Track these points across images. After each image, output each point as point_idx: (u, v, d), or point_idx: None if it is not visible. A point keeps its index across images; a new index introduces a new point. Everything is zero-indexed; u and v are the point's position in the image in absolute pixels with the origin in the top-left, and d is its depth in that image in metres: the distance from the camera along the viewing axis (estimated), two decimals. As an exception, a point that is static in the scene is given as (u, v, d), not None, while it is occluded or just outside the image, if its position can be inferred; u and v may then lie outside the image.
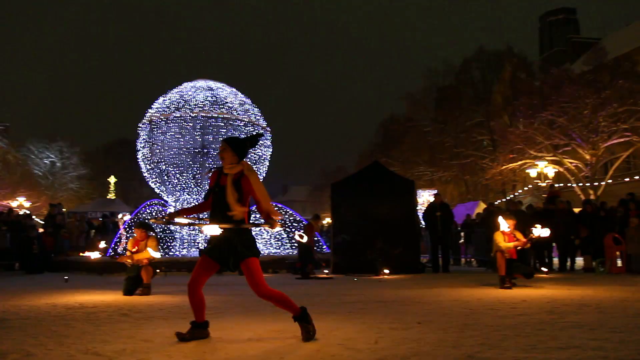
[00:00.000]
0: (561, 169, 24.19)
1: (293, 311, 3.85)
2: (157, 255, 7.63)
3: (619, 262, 11.31)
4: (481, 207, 22.19)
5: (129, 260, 7.58)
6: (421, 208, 19.92)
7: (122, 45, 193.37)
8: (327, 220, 29.91)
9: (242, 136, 14.31)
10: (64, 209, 17.02)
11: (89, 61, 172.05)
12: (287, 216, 15.88)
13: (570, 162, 23.55)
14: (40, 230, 15.81)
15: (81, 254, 9.15)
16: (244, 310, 5.37)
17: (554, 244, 12.47)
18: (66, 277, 10.16)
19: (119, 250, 14.81)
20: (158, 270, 8.37)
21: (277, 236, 15.84)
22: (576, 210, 13.60)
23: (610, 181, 23.34)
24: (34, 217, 17.20)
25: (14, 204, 28.73)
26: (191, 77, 16.14)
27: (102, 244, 7.98)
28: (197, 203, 14.97)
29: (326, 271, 11.87)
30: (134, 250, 7.61)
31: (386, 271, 10.72)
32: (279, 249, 15.55)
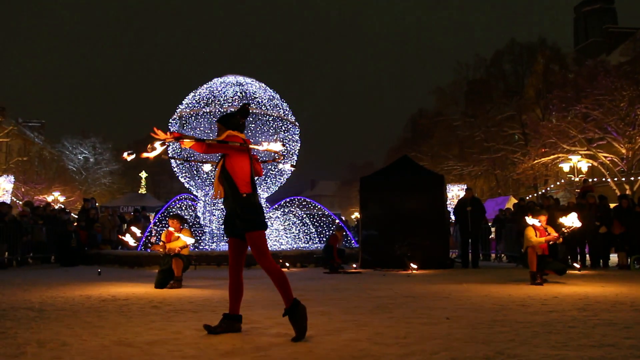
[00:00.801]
0: (595, 164, 23.61)
1: (286, 299, 3.75)
2: (190, 240, 7.76)
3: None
4: (512, 202, 21.87)
5: (161, 250, 7.71)
6: (451, 203, 19.75)
7: (154, 40, 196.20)
8: (356, 215, 29.87)
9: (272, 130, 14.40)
10: (97, 204, 17.41)
11: (122, 57, 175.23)
12: (315, 211, 15.93)
13: (605, 156, 22.96)
14: (74, 224, 16.22)
15: (120, 237, 9.40)
16: (272, 304, 5.42)
17: (585, 240, 12.23)
18: (99, 270, 10.43)
19: (152, 241, 15.11)
20: (192, 264, 8.48)
21: (306, 231, 15.92)
22: (611, 206, 13.28)
23: (647, 176, 22.69)
24: (68, 211, 17.61)
25: (49, 198, 29.53)
26: (221, 72, 16.28)
27: (137, 231, 8.14)
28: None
29: (354, 266, 11.88)
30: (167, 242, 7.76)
31: (414, 266, 10.67)
32: (307, 243, 15.62)
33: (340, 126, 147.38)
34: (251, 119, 14.71)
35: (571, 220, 7.58)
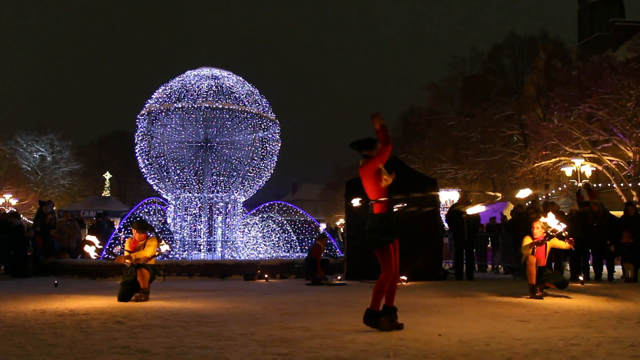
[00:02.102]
0: (600, 168, 23.91)
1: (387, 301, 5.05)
2: (163, 248, 7.72)
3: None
4: (509, 208, 22.04)
5: (127, 261, 7.59)
6: (444, 209, 19.87)
7: (120, 30, 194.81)
8: (341, 222, 29.94)
9: None
10: (54, 207, 17.17)
11: (84, 47, 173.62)
12: (296, 217, 15.92)
13: (611, 160, 23.27)
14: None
15: (84, 248, 9.38)
16: (249, 319, 5.40)
17: (589, 250, 12.39)
18: (56, 282, 10.28)
19: (115, 251, 14.96)
20: (159, 275, 8.42)
21: (287, 239, 15.91)
22: (616, 213, 13.46)
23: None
24: (22, 215, 17.34)
25: None
26: (195, 65, 16.18)
27: (95, 240, 8.05)
28: (198, 201, 15.10)
29: (339, 277, 11.89)
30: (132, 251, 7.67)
31: (404, 278, 10.69)
32: (288, 252, 15.59)
33: (325, 124, 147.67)
34: (227, 116, 14.66)
35: (554, 222, 7.67)
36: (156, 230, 14.89)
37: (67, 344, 4.15)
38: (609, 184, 24.59)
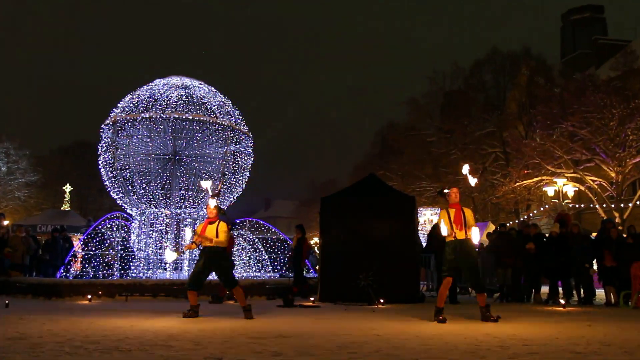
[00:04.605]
0: (582, 188, 24.33)
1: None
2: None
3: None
4: (490, 228, 22.28)
5: (193, 246, 8.28)
6: (422, 228, 19.99)
7: (84, 35, 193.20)
8: (315, 240, 29.88)
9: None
10: (6, 222, 16.73)
11: (43, 52, 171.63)
12: (269, 235, 15.83)
13: (593, 180, 23.69)
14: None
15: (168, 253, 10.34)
16: (202, 334, 5.32)
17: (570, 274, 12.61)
18: (7, 302, 10.00)
19: (72, 270, 14.66)
20: (123, 295, 8.33)
21: (259, 257, 15.79)
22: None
23: (638, 203, 23.47)
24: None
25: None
26: (165, 73, 16.09)
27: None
28: (165, 216, 14.92)
29: (312, 299, 11.83)
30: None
31: (380, 300, 10.70)
32: (259, 271, 15.49)
33: (299, 139, 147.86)
34: (198, 127, 14.57)
35: (474, 236, 7.82)
36: (118, 248, 14.68)
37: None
38: (591, 205, 25.02)
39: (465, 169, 8.19)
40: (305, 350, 5.09)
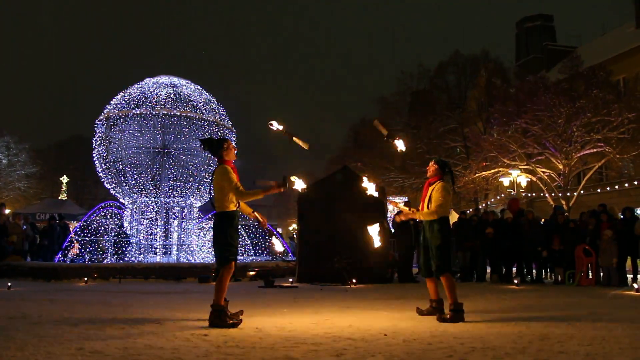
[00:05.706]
0: (534, 178, 24.73)
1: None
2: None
3: (590, 274, 11.69)
4: (454, 216, 22.51)
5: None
6: (391, 215, 20.11)
7: (80, 35, 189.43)
8: (294, 227, 29.86)
9: (212, 137, 14.18)
10: (7, 210, 16.40)
11: (42, 50, 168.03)
12: (250, 221, 15.78)
13: (544, 172, 24.08)
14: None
15: (272, 243, 9.68)
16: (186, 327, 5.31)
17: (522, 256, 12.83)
18: (9, 284, 9.86)
19: (70, 255, 14.49)
20: (116, 277, 8.18)
21: (241, 242, 15.77)
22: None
23: (582, 192, 23.97)
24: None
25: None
26: (155, 72, 15.93)
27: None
28: (154, 206, 14.79)
29: (290, 280, 11.87)
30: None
31: (353, 280, 10.77)
32: (242, 255, 15.46)
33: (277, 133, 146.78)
34: (185, 123, 14.48)
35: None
36: (113, 234, 14.54)
37: (19, 346, 3.98)
38: (541, 194, 25.44)
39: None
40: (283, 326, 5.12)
